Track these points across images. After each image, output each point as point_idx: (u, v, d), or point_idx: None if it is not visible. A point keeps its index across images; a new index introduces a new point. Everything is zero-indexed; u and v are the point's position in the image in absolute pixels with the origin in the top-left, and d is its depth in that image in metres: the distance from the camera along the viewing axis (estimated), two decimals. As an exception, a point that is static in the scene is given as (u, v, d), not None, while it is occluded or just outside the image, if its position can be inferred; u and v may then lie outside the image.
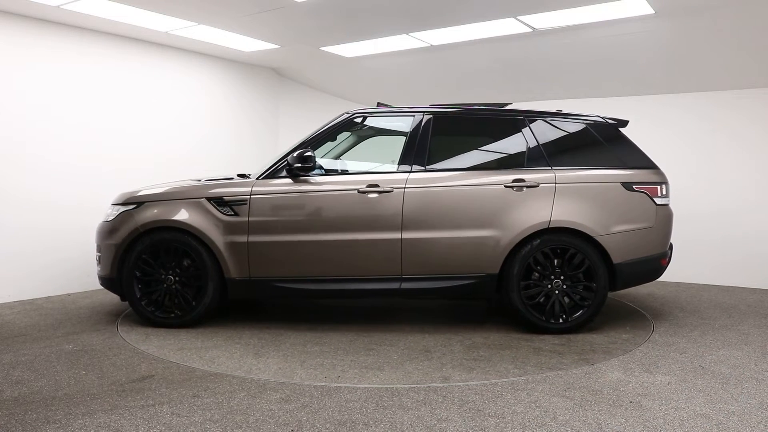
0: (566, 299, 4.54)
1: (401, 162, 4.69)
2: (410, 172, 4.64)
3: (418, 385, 3.40)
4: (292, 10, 5.40)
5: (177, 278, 4.71)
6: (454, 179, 4.62)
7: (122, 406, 3.09)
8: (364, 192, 4.60)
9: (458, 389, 3.35)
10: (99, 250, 4.93)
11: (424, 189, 4.58)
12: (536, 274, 4.53)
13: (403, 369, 3.73)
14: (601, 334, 4.51)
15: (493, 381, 3.48)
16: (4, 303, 5.54)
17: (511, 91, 7.35)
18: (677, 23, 5.43)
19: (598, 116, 4.86)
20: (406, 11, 5.41)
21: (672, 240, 4.88)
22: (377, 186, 4.59)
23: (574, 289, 4.52)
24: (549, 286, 4.52)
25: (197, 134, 7.23)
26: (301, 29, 6.05)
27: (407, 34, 6.09)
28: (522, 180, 4.56)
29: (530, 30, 5.77)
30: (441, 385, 3.42)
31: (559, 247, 4.51)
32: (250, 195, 4.67)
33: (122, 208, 4.84)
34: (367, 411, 3.03)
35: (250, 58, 7.41)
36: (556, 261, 4.53)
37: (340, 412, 3.02)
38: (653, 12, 5.14)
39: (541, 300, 4.52)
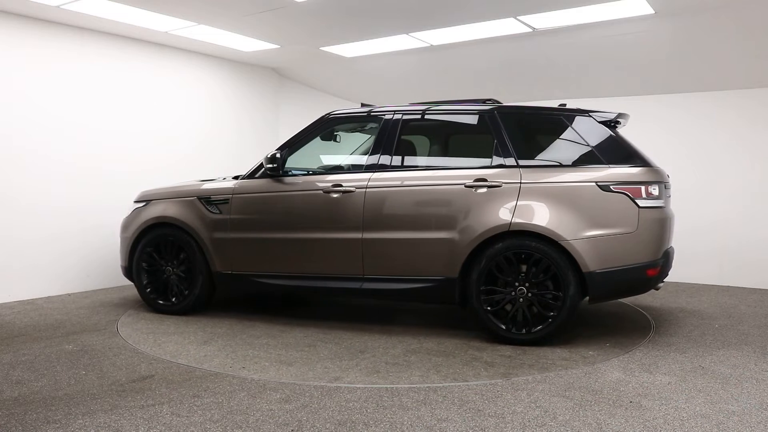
0: (535, 309, 4.19)
1: (368, 162, 4.69)
2: (374, 171, 4.62)
3: (417, 385, 3.41)
4: (292, 10, 5.40)
5: (174, 270, 5.14)
6: (415, 179, 4.49)
7: (122, 406, 3.09)
8: (328, 192, 4.65)
9: (458, 389, 3.35)
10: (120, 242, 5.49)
11: (385, 189, 4.53)
12: (501, 279, 4.21)
13: (310, 366, 3.77)
14: (565, 348, 4.11)
15: (493, 381, 3.48)
16: (4, 303, 5.54)
17: (511, 91, 7.35)
18: (677, 23, 5.43)
19: (580, 110, 4.44)
20: (406, 11, 5.41)
21: (673, 243, 4.62)
22: (341, 186, 4.63)
23: (540, 298, 4.16)
24: (513, 293, 4.19)
25: (198, 135, 7.23)
26: (301, 29, 6.05)
27: (407, 34, 6.10)
28: (484, 179, 4.30)
29: (530, 30, 5.77)
30: (441, 385, 3.42)
31: (524, 252, 4.17)
32: (232, 194, 4.97)
33: (135, 205, 5.42)
34: (367, 411, 3.04)
35: (250, 58, 7.41)
36: (524, 267, 4.19)
37: (340, 412, 3.02)
38: (653, 12, 5.14)
39: (508, 308, 4.23)
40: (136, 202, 5.44)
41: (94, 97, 6.22)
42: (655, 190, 4.16)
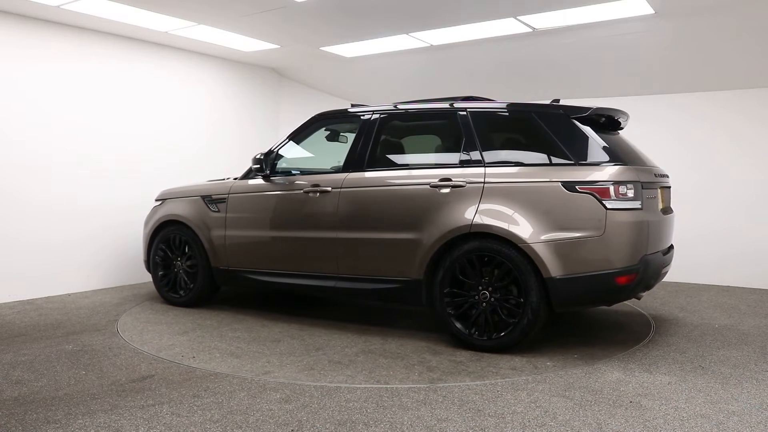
0: (499, 314, 4.01)
1: (345, 162, 4.74)
2: (350, 171, 4.65)
3: (418, 385, 3.41)
4: (292, 10, 5.41)
5: (182, 265, 5.46)
6: (384, 179, 4.49)
7: (122, 406, 3.10)
8: (308, 192, 4.75)
9: (458, 389, 3.35)
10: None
11: (357, 189, 4.57)
12: (466, 283, 4.08)
13: (254, 360, 3.90)
14: (524, 357, 3.90)
15: (493, 381, 3.48)
16: (4, 303, 5.54)
17: (511, 92, 7.35)
18: (677, 23, 5.43)
19: (553, 105, 4.24)
20: (406, 11, 5.41)
21: (670, 247, 4.52)
22: (319, 186, 4.70)
23: (503, 303, 3.98)
24: (476, 297, 4.04)
25: (200, 135, 7.23)
26: (301, 29, 6.05)
27: (407, 34, 6.10)
28: (448, 179, 4.20)
29: (530, 30, 5.77)
30: (441, 385, 3.42)
31: (487, 255, 4.01)
32: (228, 194, 5.21)
33: (155, 204, 5.78)
34: (367, 411, 3.04)
35: (250, 58, 7.41)
36: (493, 270, 4.02)
37: (340, 412, 3.02)
38: (653, 12, 5.14)
39: (473, 312, 4.07)
40: (156, 200, 5.80)
41: (93, 98, 6.22)
42: (629, 191, 3.83)
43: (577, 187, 3.83)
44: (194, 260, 5.35)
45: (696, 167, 6.74)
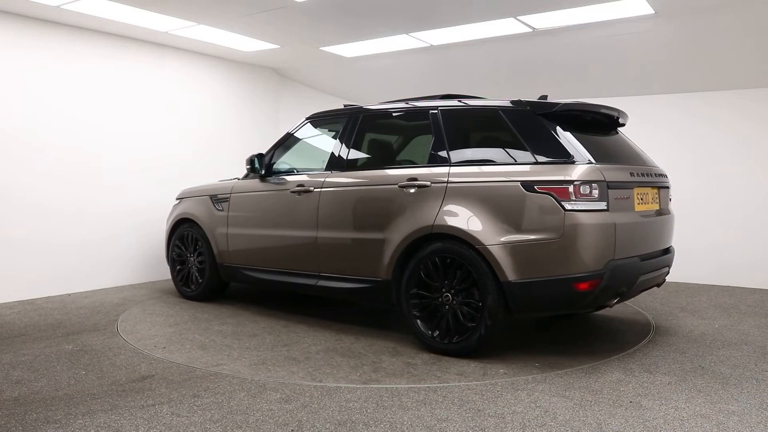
0: (461, 317, 3.90)
1: (328, 162, 4.79)
2: (331, 171, 4.70)
3: (418, 385, 3.41)
4: (292, 10, 5.41)
5: (193, 261, 5.71)
6: (358, 179, 4.52)
7: (122, 406, 3.10)
8: (294, 191, 4.84)
9: (458, 389, 3.35)
10: None
11: (335, 189, 4.62)
12: (432, 285, 4.01)
13: (215, 353, 4.03)
14: (479, 363, 3.78)
15: (493, 381, 3.48)
16: (4, 303, 5.54)
17: (511, 92, 7.33)
18: (677, 23, 5.43)
19: (519, 102, 4.03)
20: (406, 11, 5.42)
21: (665, 251, 4.37)
22: (303, 186, 4.79)
23: (463, 307, 3.87)
24: (439, 300, 3.96)
25: (198, 135, 7.23)
26: (301, 29, 6.06)
27: (407, 34, 6.10)
28: (415, 179, 4.15)
29: (530, 30, 5.77)
30: (441, 385, 3.42)
31: (449, 257, 3.93)
32: (231, 194, 5.41)
33: (175, 202, 6.06)
34: (367, 411, 3.04)
35: (250, 58, 7.41)
36: (455, 273, 3.92)
37: (340, 412, 3.02)
38: (653, 12, 5.14)
39: (438, 315, 4.00)
40: (176, 199, 6.09)
41: (93, 98, 6.22)
42: (593, 191, 3.61)
43: (535, 187, 3.67)
44: (203, 256, 5.59)
45: (696, 167, 6.74)
